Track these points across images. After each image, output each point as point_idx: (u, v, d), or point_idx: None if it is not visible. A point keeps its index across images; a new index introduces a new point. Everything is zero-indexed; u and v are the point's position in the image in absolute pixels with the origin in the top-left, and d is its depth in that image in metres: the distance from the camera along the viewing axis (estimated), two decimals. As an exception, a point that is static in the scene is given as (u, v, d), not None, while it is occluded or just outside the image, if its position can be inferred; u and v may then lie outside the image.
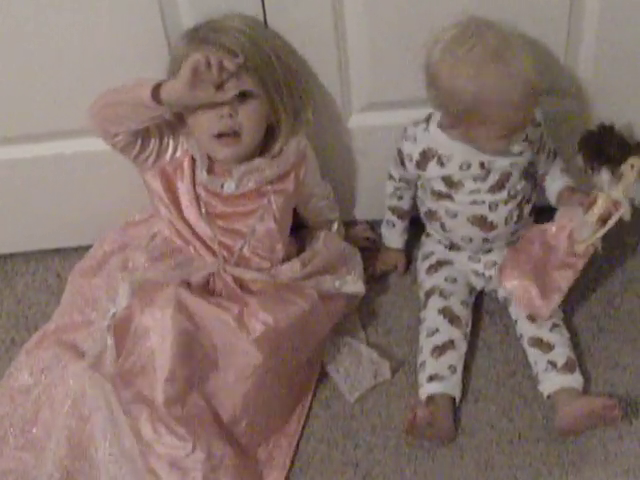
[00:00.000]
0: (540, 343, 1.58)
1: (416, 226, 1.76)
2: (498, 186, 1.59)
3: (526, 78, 1.43)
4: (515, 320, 1.65)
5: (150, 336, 1.48)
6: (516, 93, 1.43)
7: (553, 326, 1.60)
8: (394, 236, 1.77)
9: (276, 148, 1.57)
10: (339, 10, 1.54)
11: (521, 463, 1.51)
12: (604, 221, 1.51)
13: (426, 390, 1.56)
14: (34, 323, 1.75)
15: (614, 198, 1.50)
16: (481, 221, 1.62)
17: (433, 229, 1.71)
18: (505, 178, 1.59)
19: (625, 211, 1.50)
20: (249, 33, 1.48)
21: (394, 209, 1.73)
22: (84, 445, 1.49)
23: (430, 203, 1.65)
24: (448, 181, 1.59)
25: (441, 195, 1.62)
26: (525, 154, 1.58)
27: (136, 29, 1.53)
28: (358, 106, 1.67)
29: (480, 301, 1.73)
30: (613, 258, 1.74)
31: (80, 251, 1.76)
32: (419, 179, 1.65)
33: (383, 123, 1.67)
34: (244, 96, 1.48)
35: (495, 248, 1.68)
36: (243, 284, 1.58)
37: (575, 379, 1.55)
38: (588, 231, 1.51)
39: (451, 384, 1.56)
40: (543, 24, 1.55)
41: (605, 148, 1.50)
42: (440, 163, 1.58)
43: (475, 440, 1.55)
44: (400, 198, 1.71)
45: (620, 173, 1.50)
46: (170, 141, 1.56)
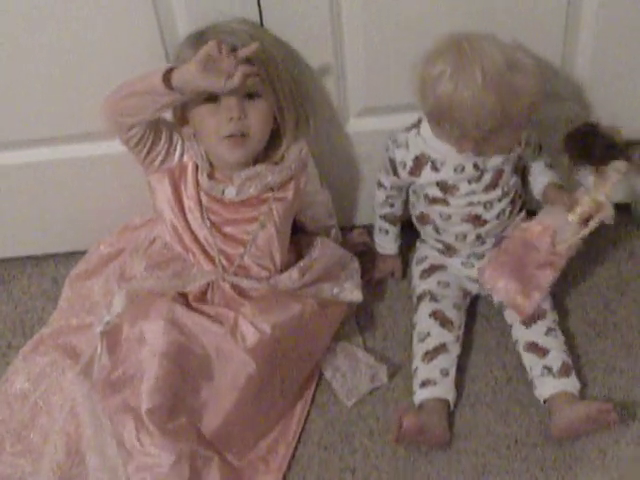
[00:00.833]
0: (535, 348, 1.58)
1: (410, 230, 1.76)
2: (492, 185, 1.59)
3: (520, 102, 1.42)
4: (510, 325, 1.65)
5: (140, 347, 1.48)
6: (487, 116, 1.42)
7: (548, 330, 1.60)
8: (388, 243, 1.76)
9: (278, 154, 1.57)
10: (336, 15, 1.54)
11: (518, 468, 1.52)
12: (586, 221, 1.51)
13: (418, 397, 1.57)
14: (30, 328, 1.75)
15: (597, 200, 1.50)
16: (475, 218, 1.62)
17: (426, 233, 1.71)
18: (498, 176, 1.59)
19: (608, 213, 1.50)
20: (255, 35, 1.48)
21: (385, 216, 1.73)
22: (82, 451, 1.49)
23: (423, 207, 1.65)
24: (443, 186, 1.59)
25: (435, 200, 1.61)
26: (515, 149, 1.58)
27: (132, 34, 1.53)
28: (355, 111, 1.67)
29: (476, 305, 1.73)
30: (609, 262, 1.74)
31: (76, 256, 1.76)
32: (411, 185, 1.64)
33: (380, 128, 1.67)
34: (251, 97, 1.48)
35: (487, 253, 1.68)
36: (241, 292, 1.58)
37: (571, 383, 1.55)
38: (570, 231, 1.51)
39: (443, 388, 1.56)
40: (539, 29, 1.55)
41: (590, 147, 1.50)
42: (434, 168, 1.57)
43: (472, 445, 1.55)
44: (392, 206, 1.71)
45: (605, 175, 1.50)
46: (178, 144, 1.55)
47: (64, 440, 1.49)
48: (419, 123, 1.58)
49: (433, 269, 1.71)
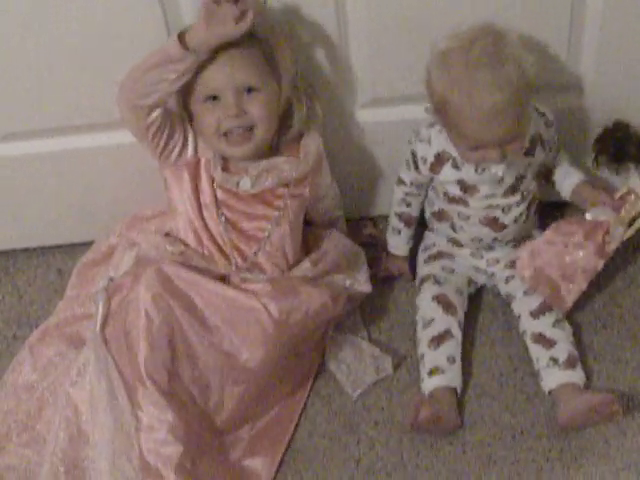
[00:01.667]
0: (542, 339, 1.58)
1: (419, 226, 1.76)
2: (512, 189, 1.58)
3: (506, 90, 1.41)
4: (518, 316, 1.65)
5: (135, 308, 1.46)
6: (483, 110, 1.42)
7: (555, 322, 1.60)
8: (400, 243, 1.75)
9: (291, 136, 1.56)
10: (341, 5, 1.54)
11: (524, 458, 1.52)
12: (630, 222, 1.52)
13: (427, 385, 1.57)
14: (36, 319, 1.75)
15: None
16: (493, 222, 1.62)
17: (440, 228, 1.70)
18: (520, 180, 1.58)
19: None
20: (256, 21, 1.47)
21: (401, 215, 1.71)
22: (84, 430, 1.49)
23: (442, 204, 1.64)
24: (463, 185, 1.58)
25: (455, 199, 1.60)
26: (539, 154, 1.58)
27: (137, 24, 1.53)
28: (362, 102, 1.66)
29: (482, 297, 1.73)
30: (616, 256, 1.74)
31: (82, 247, 1.76)
32: (432, 182, 1.64)
33: (387, 119, 1.67)
34: (250, 91, 1.48)
35: (497, 246, 1.68)
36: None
37: (576, 374, 1.55)
38: (620, 232, 1.52)
39: (451, 375, 1.56)
40: (545, 19, 1.55)
41: (624, 147, 1.50)
42: (455, 166, 1.56)
43: (478, 435, 1.55)
44: (409, 205, 1.69)
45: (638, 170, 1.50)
46: (191, 137, 1.54)
47: (64, 426, 1.48)
48: None
49: (440, 255, 1.71)
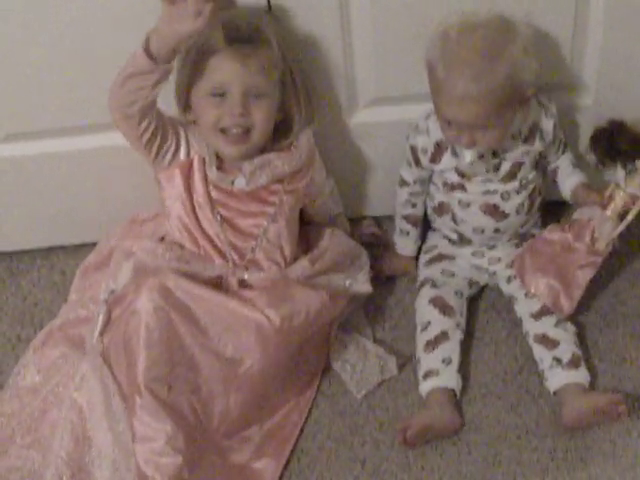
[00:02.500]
0: (545, 340, 1.58)
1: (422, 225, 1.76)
2: (510, 176, 1.59)
3: (484, 86, 1.42)
4: (520, 317, 1.65)
5: (134, 318, 1.47)
6: (455, 92, 1.44)
7: (558, 322, 1.60)
8: (408, 244, 1.75)
9: (286, 143, 1.56)
10: (344, 3, 1.53)
11: (528, 458, 1.52)
12: (622, 217, 1.53)
13: (423, 388, 1.57)
14: (40, 320, 1.75)
15: (631, 193, 1.51)
16: (494, 210, 1.62)
17: (442, 223, 1.70)
18: (517, 167, 1.59)
19: None
20: (262, 21, 1.48)
21: (408, 217, 1.72)
22: (89, 436, 1.49)
23: (442, 196, 1.65)
24: (461, 171, 1.59)
25: (453, 186, 1.61)
26: (537, 143, 1.58)
27: (139, 25, 1.50)
28: (363, 101, 1.66)
29: (486, 297, 1.73)
30: (620, 254, 1.74)
31: (85, 248, 1.77)
32: (432, 174, 1.64)
33: (388, 119, 1.67)
34: (258, 96, 1.48)
35: (499, 244, 1.68)
36: (250, 288, 1.57)
37: (580, 374, 1.55)
38: (608, 228, 1.53)
39: (446, 377, 1.56)
40: (549, 17, 1.54)
41: (617, 144, 1.51)
42: (454, 154, 1.57)
43: (482, 436, 1.55)
44: (414, 206, 1.70)
45: (635, 168, 1.51)
46: (183, 139, 1.55)
47: (69, 429, 1.49)
48: None
49: (440, 258, 1.71)
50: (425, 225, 1.76)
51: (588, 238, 1.55)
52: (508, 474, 1.50)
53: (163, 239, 1.61)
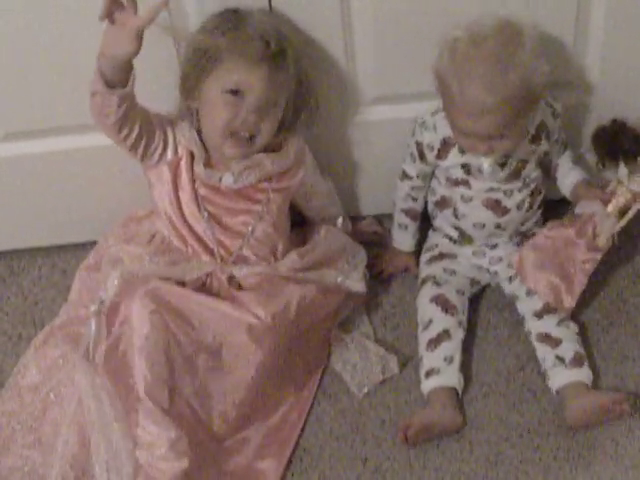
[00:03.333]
0: (548, 338, 1.58)
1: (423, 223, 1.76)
2: (514, 174, 1.59)
3: (499, 96, 1.42)
4: (523, 316, 1.64)
5: (130, 328, 1.47)
6: (471, 106, 1.44)
7: (560, 321, 1.60)
8: (407, 239, 1.75)
9: (276, 143, 1.56)
10: (346, 4, 1.53)
11: (531, 457, 1.51)
12: (623, 213, 1.53)
13: (425, 386, 1.57)
14: (40, 319, 1.75)
15: (633, 190, 1.51)
16: (495, 205, 1.62)
17: (443, 219, 1.70)
18: (522, 166, 1.59)
19: None
20: (273, 25, 1.48)
21: (407, 211, 1.72)
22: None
23: (444, 190, 1.65)
24: (467, 168, 1.59)
25: (457, 182, 1.61)
26: (543, 143, 1.58)
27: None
28: (365, 99, 1.66)
29: (488, 296, 1.73)
30: (622, 252, 1.73)
31: (86, 247, 1.76)
32: (436, 169, 1.64)
33: (391, 116, 1.67)
34: (270, 107, 1.48)
35: (501, 243, 1.68)
36: (239, 284, 1.57)
37: (583, 373, 1.55)
38: (609, 224, 1.53)
39: (448, 375, 1.56)
40: (551, 16, 1.54)
41: (619, 143, 1.52)
42: (461, 150, 1.57)
43: (484, 434, 1.54)
44: (414, 200, 1.70)
45: (637, 165, 1.51)
46: (171, 137, 1.54)
47: (76, 431, 1.48)
48: None
49: (442, 257, 1.71)
50: (425, 224, 1.75)
51: (590, 234, 1.55)
52: (510, 473, 1.50)
53: (154, 236, 1.61)
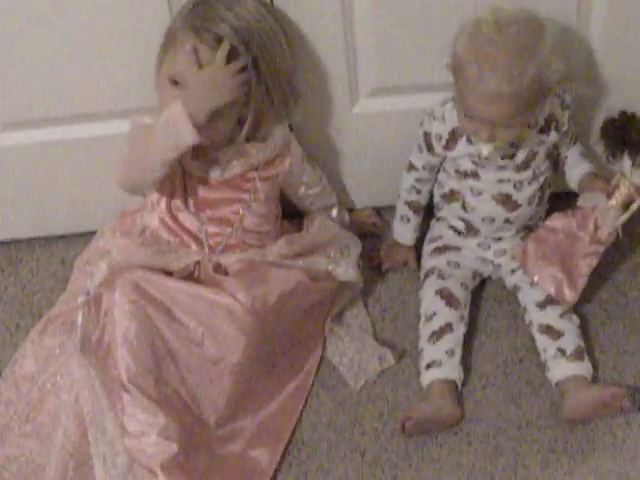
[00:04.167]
0: (549, 330, 1.58)
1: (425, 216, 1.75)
2: (524, 165, 1.59)
3: (515, 86, 1.42)
4: (524, 307, 1.64)
5: (111, 317, 1.47)
6: (485, 90, 1.43)
7: (563, 313, 1.60)
8: (408, 232, 1.74)
9: (261, 134, 1.56)
10: (347, -7, 1.54)
11: (529, 450, 1.51)
12: (626, 207, 1.52)
13: (425, 378, 1.57)
14: (39, 309, 1.74)
15: (636, 183, 1.51)
16: (506, 199, 1.61)
17: (450, 211, 1.69)
18: (531, 157, 1.59)
19: None
20: (247, 18, 1.46)
21: (411, 204, 1.71)
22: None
23: (453, 183, 1.64)
24: (475, 159, 1.59)
25: (466, 174, 1.61)
26: (552, 134, 1.58)
27: (139, 3, 1.52)
28: (365, 91, 1.66)
29: (487, 288, 1.73)
30: (622, 246, 1.73)
31: (85, 237, 1.76)
32: (443, 162, 1.64)
33: (390, 108, 1.67)
34: None
35: (506, 236, 1.68)
36: (225, 272, 1.57)
37: (584, 367, 1.55)
38: (611, 217, 1.53)
39: (449, 368, 1.56)
40: (554, 8, 1.54)
41: (626, 135, 1.51)
42: (469, 140, 1.57)
43: (482, 427, 1.54)
44: (419, 192, 1.69)
45: None
46: None
47: (76, 422, 1.49)
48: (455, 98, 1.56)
49: (445, 248, 1.70)
50: (429, 218, 1.75)
51: (591, 226, 1.54)
52: (508, 465, 1.50)
53: (144, 230, 1.62)
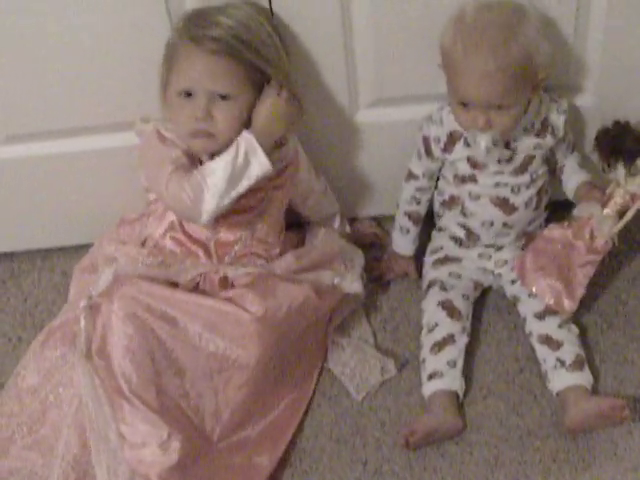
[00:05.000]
0: (549, 340, 1.58)
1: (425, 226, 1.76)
2: (521, 169, 1.60)
3: (501, 61, 1.44)
4: (524, 318, 1.65)
5: (110, 329, 1.48)
6: (473, 69, 1.45)
7: (561, 323, 1.60)
8: (407, 243, 1.75)
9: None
10: (346, 5, 1.53)
11: (530, 459, 1.51)
12: (621, 215, 1.53)
13: (427, 389, 1.57)
14: (40, 321, 1.75)
15: (631, 191, 1.51)
16: (503, 203, 1.62)
17: (450, 218, 1.70)
18: (528, 161, 1.60)
19: None
20: (243, 26, 1.46)
21: (410, 214, 1.72)
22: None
23: (452, 189, 1.65)
24: (473, 161, 1.60)
25: (465, 179, 1.62)
26: (548, 138, 1.59)
27: (140, 15, 1.52)
28: (365, 101, 1.66)
29: (488, 298, 1.73)
30: (620, 254, 1.74)
31: (86, 249, 1.75)
32: (442, 168, 1.65)
33: (390, 119, 1.67)
34: (224, 97, 1.47)
35: (506, 245, 1.68)
36: (233, 284, 1.57)
37: (584, 377, 1.55)
38: (607, 226, 1.53)
39: (450, 379, 1.56)
40: (550, 18, 1.54)
41: (621, 143, 1.52)
42: (466, 144, 1.58)
43: (484, 436, 1.55)
44: (418, 202, 1.70)
45: (636, 166, 1.51)
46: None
47: (77, 433, 1.48)
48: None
49: (447, 260, 1.71)
50: (428, 227, 1.76)
51: (587, 236, 1.54)
52: (510, 475, 1.50)
53: (145, 241, 1.62)
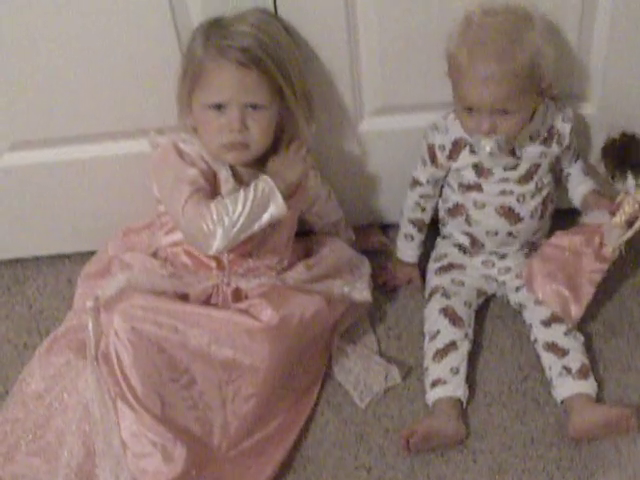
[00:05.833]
0: (554, 348, 1.58)
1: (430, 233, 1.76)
2: (527, 177, 1.60)
3: (506, 66, 1.44)
4: (529, 324, 1.65)
5: (115, 339, 1.48)
6: (477, 72, 1.45)
7: (567, 331, 1.60)
8: (411, 250, 1.75)
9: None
10: (351, 8, 1.53)
11: (534, 467, 1.51)
12: (630, 224, 1.53)
13: (430, 396, 1.57)
14: (45, 328, 1.75)
15: None
16: (509, 212, 1.62)
17: (455, 226, 1.70)
18: (534, 169, 1.60)
19: None
20: (266, 34, 1.47)
21: (415, 222, 1.72)
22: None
23: (457, 197, 1.65)
24: (478, 169, 1.60)
25: (469, 187, 1.62)
26: (554, 146, 1.60)
27: (146, 23, 1.52)
28: (370, 110, 1.67)
29: (491, 306, 1.73)
30: (625, 263, 1.74)
31: (90, 256, 1.75)
32: (447, 176, 1.65)
33: (395, 127, 1.67)
34: (255, 107, 1.48)
35: (510, 253, 1.69)
36: (247, 296, 1.58)
37: (589, 385, 1.55)
38: (616, 235, 1.53)
39: (453, 386, 1.56)
40: (554, 27, 1.55)
41: (628, 154, 1.52)
42: (472, 151, 1.58)
43: (488, 444, 1.55)
44: (423, 210, 1.70)
45: None
46: None
47: (81, 440, 1.49)
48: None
49: (450, 267, 1.71)
50: (433, 233, 1.76)
51: (596, 244, 1.55)
52: (514, 482, 1.51)
53: (156, 253, 1.62)
